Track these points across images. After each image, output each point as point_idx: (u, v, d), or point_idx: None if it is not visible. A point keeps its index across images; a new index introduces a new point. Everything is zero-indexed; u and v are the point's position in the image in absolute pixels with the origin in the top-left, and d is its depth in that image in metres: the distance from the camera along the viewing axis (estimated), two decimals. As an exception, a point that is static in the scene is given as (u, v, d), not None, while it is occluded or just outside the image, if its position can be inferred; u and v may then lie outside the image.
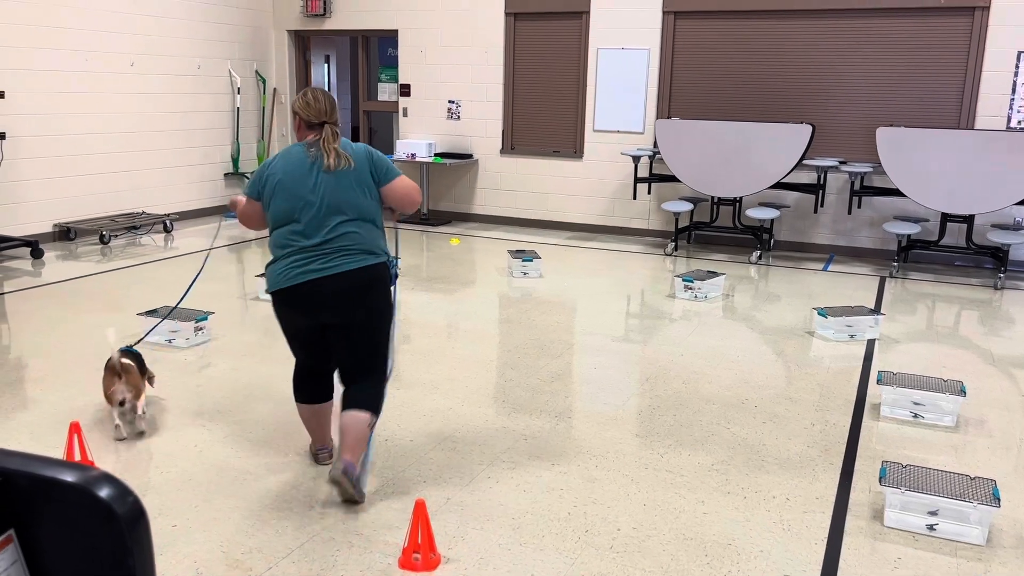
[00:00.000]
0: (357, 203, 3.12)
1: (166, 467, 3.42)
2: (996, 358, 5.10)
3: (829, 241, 8.35)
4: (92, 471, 0.79)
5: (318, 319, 3.16)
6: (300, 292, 3.09)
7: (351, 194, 3.11)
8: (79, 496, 0.76)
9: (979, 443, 3.84)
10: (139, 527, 0.75)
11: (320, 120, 3.15)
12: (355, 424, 3.11)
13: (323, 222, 3.08)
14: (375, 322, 3.20)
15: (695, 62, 8.55)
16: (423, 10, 9.61)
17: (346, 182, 3.10)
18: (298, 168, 3.11)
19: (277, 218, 3.13)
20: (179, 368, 4.58)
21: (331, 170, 3.09)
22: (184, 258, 7.44)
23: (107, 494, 0.75)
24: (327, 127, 3.14)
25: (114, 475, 0.80)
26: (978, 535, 2.97)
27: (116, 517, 0.74)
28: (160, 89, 8.97)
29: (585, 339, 5.29)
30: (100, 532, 0.75)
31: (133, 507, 0.77)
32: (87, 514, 0.76)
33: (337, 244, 3.08)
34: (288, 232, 3.11)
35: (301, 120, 3.18)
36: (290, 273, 3.09)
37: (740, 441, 3.79)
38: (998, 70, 7.49)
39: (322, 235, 3.08)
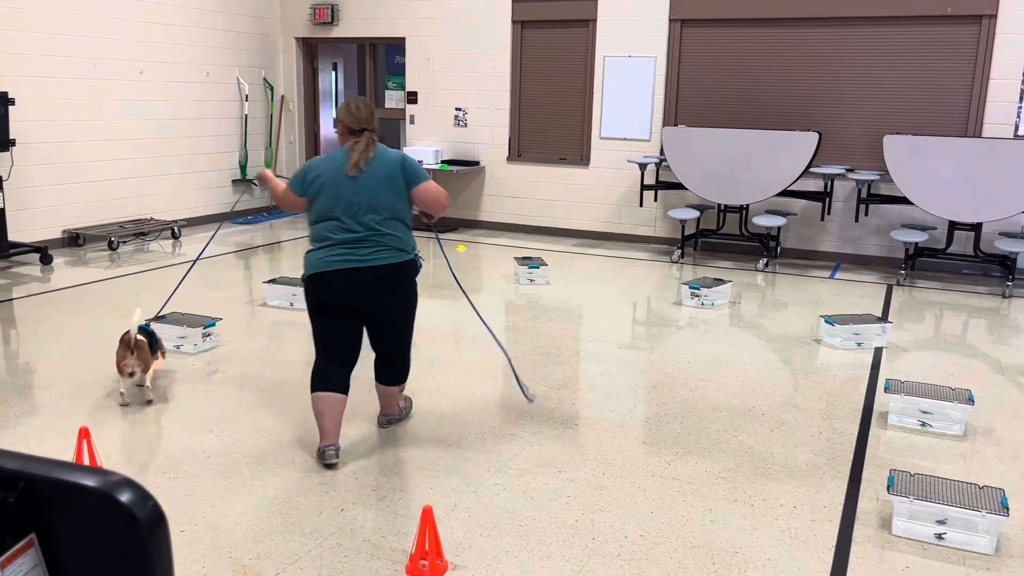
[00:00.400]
0: (390, 203, 3.48)
1: (174, 472, 3.43)
2: (1004, 366, 5.09)
3: (836, 249, 8.34)
4: (113, 475, 0.80)
5: (347, 304, 3.50)
6: (334, 278, 3.44)
7: (385, 195, 3.47)
8: (100, 500, 0.76)
9: (987, 452, 3.83)
10: (159, 531, 0.76)
11: (361, 127, 3.51)
12: (387, 393, 3.85)
13: (360, 219, 3.44)
14: (403, 313, 3.65)
15: (702, 70, 8.56)
16: (430, 18, 9.65)
17: (381, 184, 3.46)
18: (340, 171, 3.47)
19: (320, 214, 3.49)
20: (187, 374, 4.60)
21: (359, 171, 3.44)
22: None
23: (128, 499, 0.76)
24: (367, 134, 3.51)
25: (135, 480, 0.81)
26: (987, 544, 2.96)
27: (136, 521, 0.75)
28: (169, 96, 9.02)
29: (592, 346, 5.30)
30: (120, 536, 0.76)
31: (153, 512, 0.78)
32: (108, 518, 0.76)
33: (371, 240, 3.45)
34: (329, 226, 3.47)
35: (344, 127, 3.53)
36: (326, 260, 3.45)
37: (747, 449, 3.79)
38: (1006, 78, 7.48)
39: (358, 231, 3.44)
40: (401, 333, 3.70)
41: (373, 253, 3.45)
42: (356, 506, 3.17)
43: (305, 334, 5.41)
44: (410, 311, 3.68)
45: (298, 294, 6.02)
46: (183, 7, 9.06)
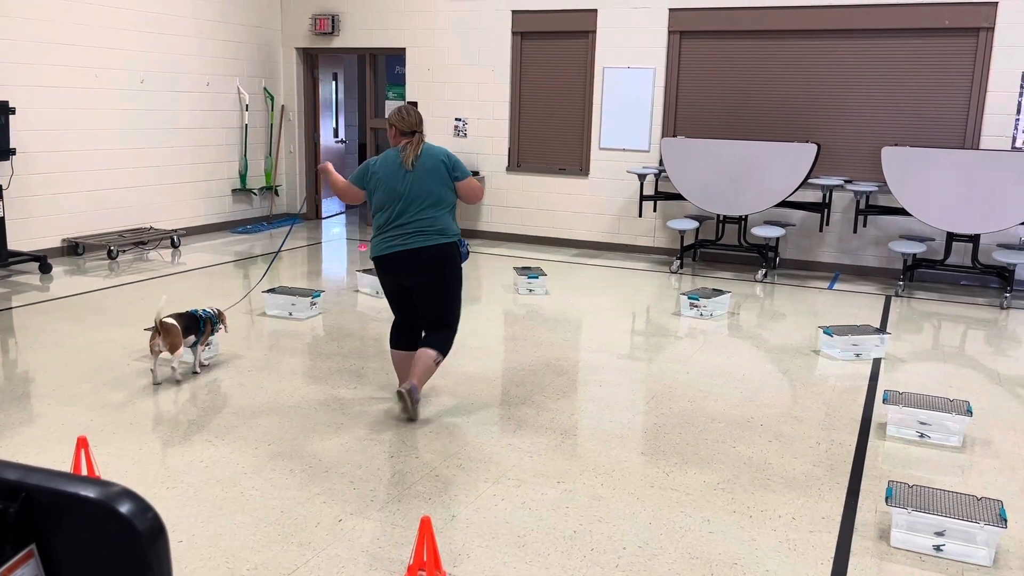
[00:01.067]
0: (435, 192, 4.04)
1: (172, 482, 3.42)
2: (1003, 378, 5.09)
3: (834, 260, 8.36)
4: (113, 486, 0.81)
5: (399, 281, 4.13)
6: (388, 259, 4.08)
7: (431, 186, 4.04)
8: (100, 511, 0.77)
9: (985, 463, 3.83)
10: (159, 543, 0.76)
11: (411, 130, 4.09)
12: (424, 358, 4.07)
13: (408, 208, 4.02)
14: (444, 287, 4.11)
15: (700, 81, 8.60)
16: (430, 29, 9.69)
17: (427, 176, 4.04)
18: (393, 168, 4.06)
19: (379, 205, 4.10)
20: (186, 383, 4.60)
21: (411, 168, 4.03)
22: (191, 273, 7.48)
23: (128, 510, 0.76)
24: (416, 135, 4.09)
25: (134, 491, 0.81)
26: (985, 556, 2.96)
27: (136, 532, 0.75)
28: (169, 106, 9.05)
29: (590, 356, 5.30)
30: (120, 547, 0.76)
31: (153, 523, 0.78)
32: (107, 529, 0.77)
33: (416, 226, 4.02)
34: (385, 215, 4.08)
35: (397, 130, 4.09)
36: (382, 245, 4.09)
37: (746, 460, 3.79)
38: (1003, 90, 7.51)
39: (406, 218, 4.03)
40: (440, 307, 4.14)
41: (417, 237, 4.01)
42: (354, 516, 3.17)
43: (304, 343, 5.42)
44: (447, 286, 4.12)
45: (297, 304, 6.03)
46: (184, 17, 9.09)
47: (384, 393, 4.51)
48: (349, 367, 4.95)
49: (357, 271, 7.11)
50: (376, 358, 5.14)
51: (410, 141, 4.06)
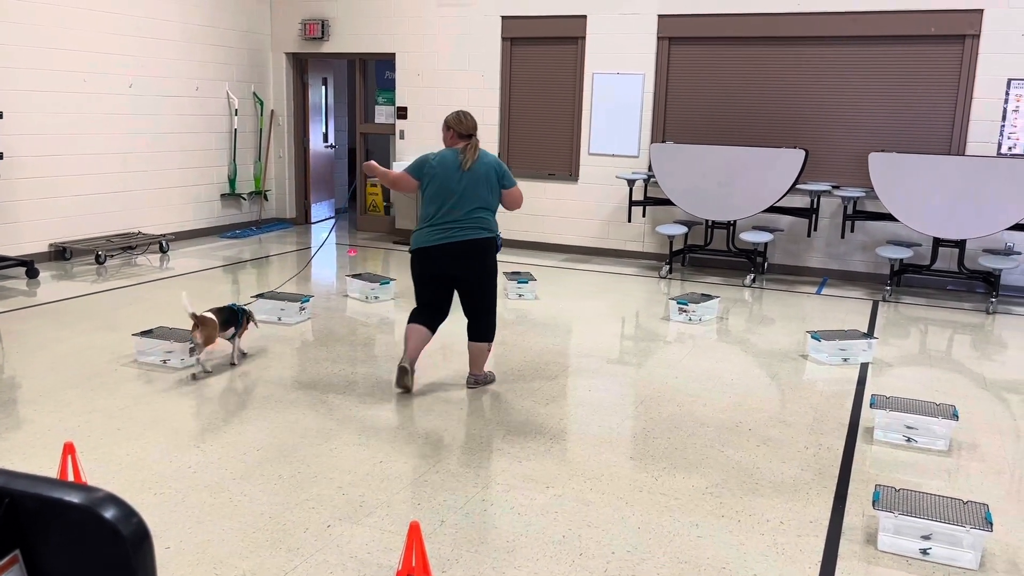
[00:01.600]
0: (484, 195, 4.42)
1: (159, 488, 3.41)
2: (988, 382, 5.12)
3: (822, 265, 8.40)
4: (97, 492, 0.80)
5: (445, 270, 4.45)
6: (434, 250, 4.41)
7: (481, 189, 4.41)
8: (84, 517, 0.77)
9: (972, 467, 3.85)
10: (143, 548, 0.76)
11: (468, 133, 4.46)
12: (478, 351, 4.66)
13: (459, 206, 4.38)
14: (486, 276, 4.51)
15: (689, 87, 8.64)
16: (420, 34, 9.70)
17: (480, 180, 4.40)
18: (450, 167, 4.40)
19: (430, 199, 4.43)
20: (173, 388, 4.58)
21: (467, 170, 4.38)
22: (180, 278, 7.45)
23: (112, 515, 0.76)
24: (473, 139, 4.46)
25: (119, 496, 0.81)
26: (971, 559, 2.98)
27: (121, 538, 0.75)
28: (158, 110, 9.02)
29: (580, 361, 5.31)
30: (105, 553, 0.76)
31: (138, 528, 0.78)
32: (92, 535, 0.77)
33: (466, 222, 4.39)
34: (436, 210, 4.41)
35: (454, 132, 4.46)
36: (431, 237, 4.41)
37: (734, 464, 3.80)
38: (988, 97, 7.58)
39: (457, 215, 4.39)
40: (482, 296, 4.54)
41: (464, 231, 4.39)
42: (343, 522, 3.16)
43: (293, 348, 5.40)
44: (489, 275, 4.52)
45: (286, 309, 6.02)
46: (173, 22, 9.07)
47: (373, 399, 4.51)
48: (338, 372, 4.94)
49: (347, 276, 7.10)
50: (365, 363, 5.14)
51: (468, 144, 4.44)
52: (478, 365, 4.72)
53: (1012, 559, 3.04)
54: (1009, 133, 7.56)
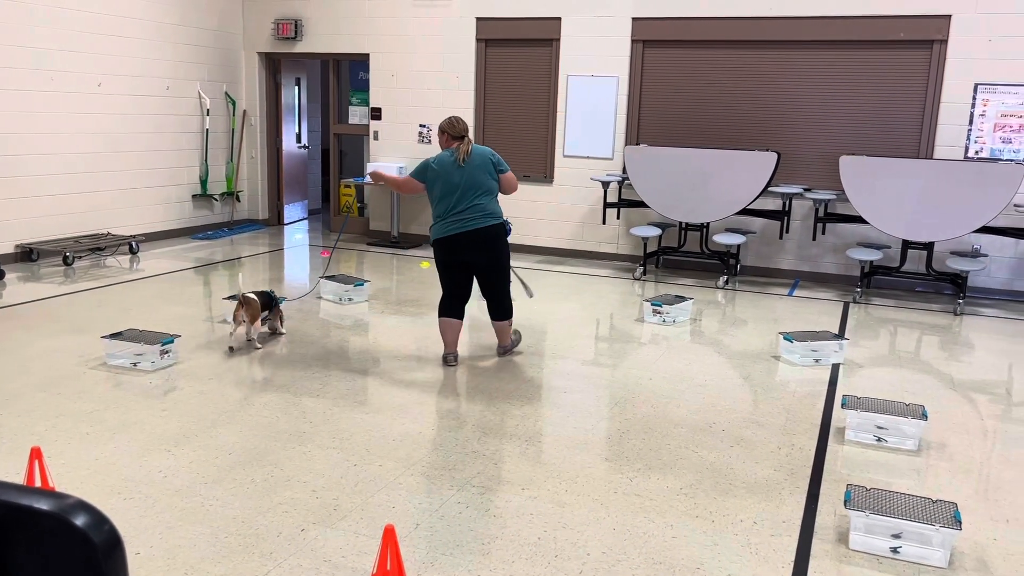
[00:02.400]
0: (485, 183, 4.96)
1: (129, 493, 3.36)
2: (956, 382, 5.20)
3: (794, 267, 8.48)
4: (68, 499, 0.79)
5: (461, 257, 4.99)
6: (452, 239, 4.95)
7: (481, 178, 4.94)
8: (54, 524, 0.75)
9: (941, 466, 3.91)
10: (115, 556, 0.75)
11: (461, 135, 4.99)
12: (502, 328, 5.30)
13: (464, 197, 4.90)
14: (498, 261, 5.07)
15: (663, 90, 8.69)
16: (394, 35, 9.67)
17: (478, 170, 4.93)
18: (450, 165, 4.94)
19: (440, 198, 4.96)
20: (143, 392, 4.52)
21: (463, 164, 4.90)
22: (150, 280, 7.36)
23: (83, 522, 0.74)
24: (465, 139, 5.00)
25: (89, 502, 0.79)
26: (940, 558, 3.02)
27: (92, 546, 0.73)
28: (127, 110, 8.90)
29: (555, 363, 5.31)
30: (76, 561, 0.74)
31: (110, 535, 0.77)
32: (62, 543, 0.75)
33: (472, 212, 4.91)
34: (445, 204, 4.94)
35: (448, 135, 4.99)
36: (446, 228, 4.94)
37: (708, 465, 3.82)
38: (956, 102, 7.70)
39: (464, 204, 4.91)
40: (498, 277, 5.11)
41: (475, 219, 4.91)
42: (317, 526, 3.14)
43: (266, 350, 5.36)
44: (503, 260, 5.09)
45: (259, 311, 5.97)
46: (143, 20, 8.96)
47: (347, 402, 4.48)
48: (312, 375, 4.91)
49: (320, 278, 7.05)
50: (339, 365, 5.11)
51: (461, 143, 4.97)
52: (504, 338, 5.34)
53: (981, 557, 3.09)
54: (976, 137, 7.69)
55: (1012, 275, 7.78)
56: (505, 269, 5.13)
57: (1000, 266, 7.80)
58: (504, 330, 5.31)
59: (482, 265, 5.05)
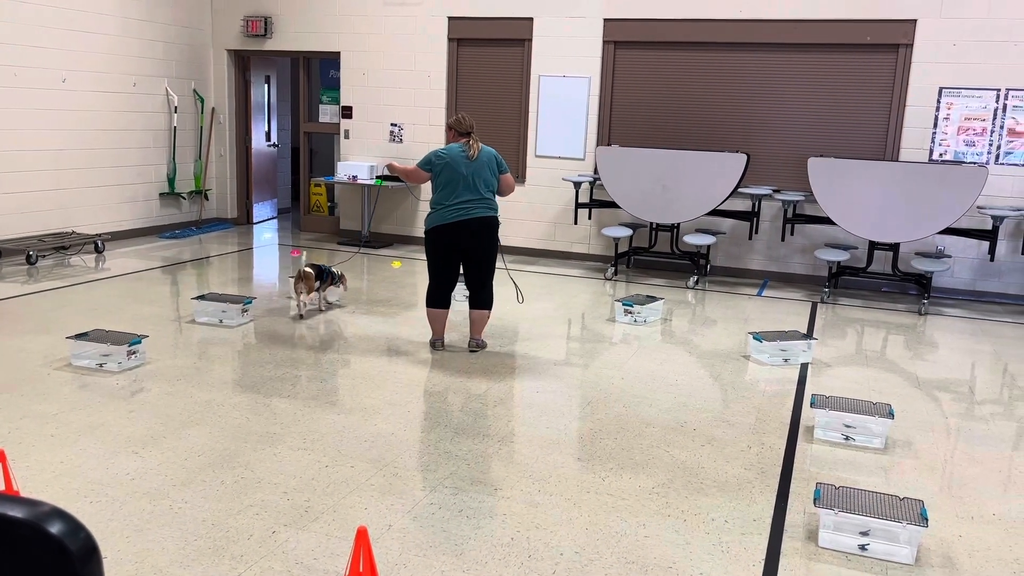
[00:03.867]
0: (488, 179, 5.28)
1: (95, 496, 3.31)
2: (921, 381, 5.29)
3: (763, 267, 8.57)
4: (42, 506, 0.77)
5: (459, 244, 5.26)
6: (453, 227, 5.22)
7: (486, 174, 5.27)
8: (29, 532, 0.73)
9: (907, 464, 3.97)
10: (92, 563, 0.73)
11: (467, 131, 5.35)
12: (480, 317, 5.51)
13: (469, 188, 5.22)
14: (490, 250, 5.34)
15: (634, 91, 8.73)
16: (366, 33, 9.61)
17: (484, 167, 5.26)
18: (458, 157, 5.25)
19: (444, 185, 5.25)
20: (110, 393, 4.45)
21: (472, 159, 5.23)
22: (116, 279, 7.25)
23: (58, 530, 0.73)
24: (471, 135, 5.34)
25: (65, 509, 0.78)
26: (907, 554, 3.07)
27: (68, 553, 0.72)
28: (93, 106, 8.76)
29: (527, 363, 5.32)
30: (51, 569, 0.73)
31: (85, 543, 0.75)
32: (38, 551, 0.73)
33: (478, 202, 5.23)
34: (448, 193, 5.23)
35: (455, 132, 5.38)
36: (447, 216, 5.22)
37: (679, 464, 3.85)
38: (920, 104, 7.83)
39: (469, 196, 5.22)
40: (488, 267, 5.37)
41: (478, 209, 5.22)
42: (288, 528, 3.11)
43: (235, 351, 5.30)
44: (492, 249, 5.34)
45: (228, 311, 5.90)
46: (109, 15, 8.82)
47: (318, 403, 4.45)
48: (282, 375, 4.87)
49: (290, 277, 6.99)
50: (309, 366, 5.07)
51: (471, 139, 5.31)
52: (478, 330, 5.53)
53: (946, 553, 3.15)
54: (940, 140, 7.83)
55: (975, 276, 7.93)
56: (494, 260, 5.40)
57: (963, 267, 7.95)
58: (481, 320, 5.51)
59: (476, 253, 5.30)
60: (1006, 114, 7.61)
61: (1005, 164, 7.67)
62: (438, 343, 5.54)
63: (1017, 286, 7.82)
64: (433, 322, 5.51)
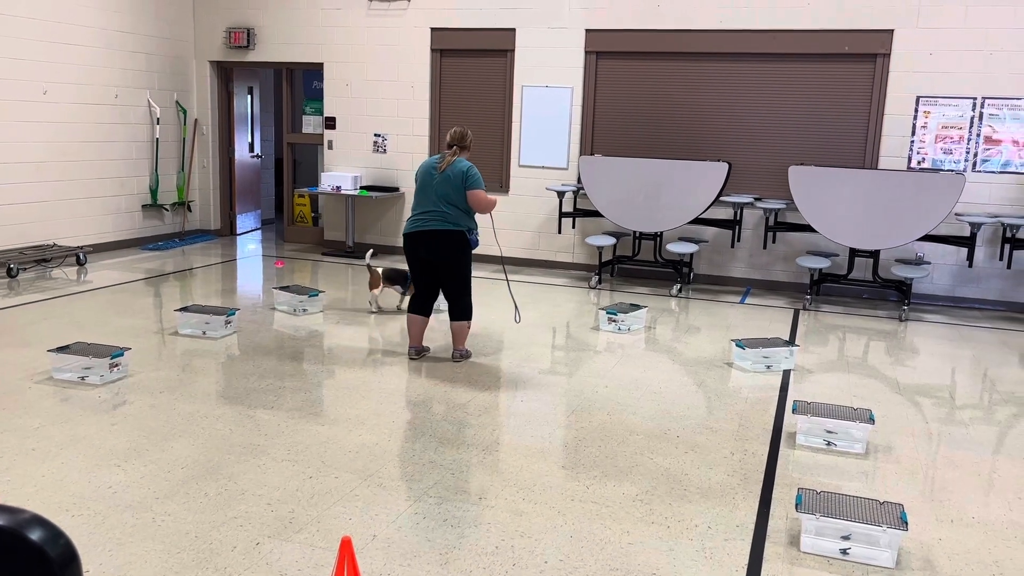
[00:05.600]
0: (449, 195, 5.24)
1: (77, 509, 3.29)
2: (902, 387, 5.34)
3: (745, 275, 8.63)
4: (23, 513, 0.78)
5: (418, 254, 5.36)
6: (410, 236, 5.36)
7: (449, 189, 5.24)
8: (10, 540, 0.74)
9: (887, 469, 4.01)
10: (71, 570, 0.74)
11: (451, 143, 5.36)
12: (459, 329, 5.50)
13: (429, 201, 5.28)
14: (453, 265, 5.32)
15: (617, 101, 8.79)
16: (349, 44, 9.63)
17: (448, 182, 5.24)
18: (430, 169, 5.35)
19: (415, 194, 5.41)
20: (92, 406, 4.42)
21: (440, 171, 5.28)
22: (99, 292, 7.20)
23: (39, 537, 0.73)
24: (454, 149, 5.34)
25: (45, 517, 0.78)
26: (888, 558, 3.10)
27: (49, 560, 0.72)
28: (75, 118, 8.73)
29: (512, 371, 5.33)
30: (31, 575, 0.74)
31: (65, 550, 0.76)
32: (18, 558, 0.74)
33: (432, 215, 5.26)
34: (416, 203, 5.38)
35: (446, 143, 5.39)
36: (410, 226, 5.34)
37: (663, 471, 3.87)
38: (898, 113, 7.93)
39: (428, 207, 5.28)
40: (456, 281, 5.37)
41: (429, 223, 5.25)
42: (272, 539, 3.10)
43: (218, 363, 5.28)
44: (456, 264, 5.32)
45: (211, 322, 5.89)
46: (90, 27, 8.80)
47: (302, 413, 4.44)
48: (265, 387, 4.85)
49: (273, 288, 6.97)
50: (293, 377, 5.06)
51: (450, 152, 5.32)
52: (459, 341, 5.52)
53: (927, 557, 3.18)
54: (918, 148, 7.92)
55: (954, 282, 8.02)
56: (461, 274, 5.37)
57: (942, 273, 8.03)
58: (459, 332, 5.49)
59: (436, 265, 5.35)
60: (982, 122, 7.72)
61: (982, 172, 7.78)
62: (411, 351, 5.54)
63: (995, 292, 7.92)
64: (409, 327, 5.55)
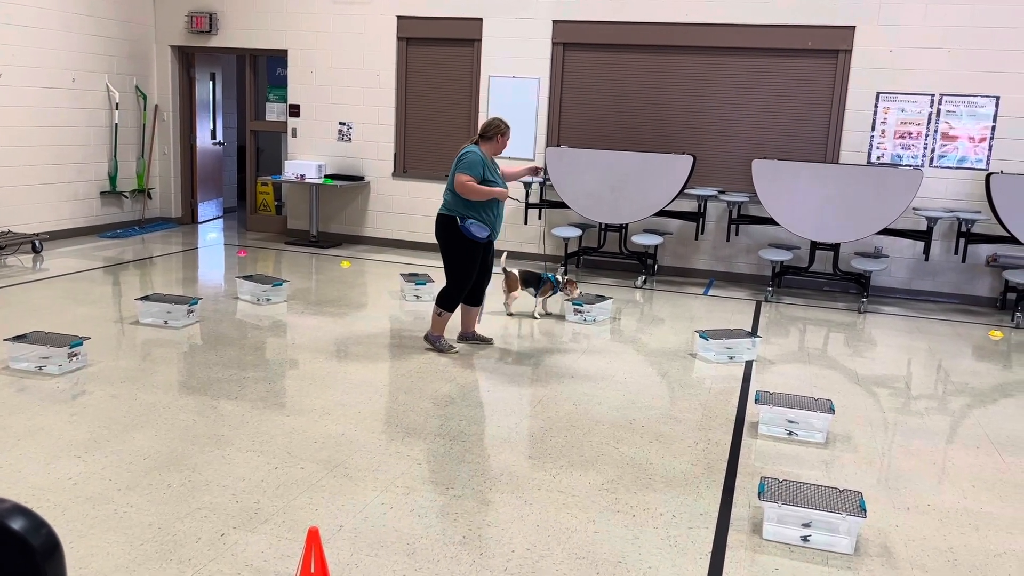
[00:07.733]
0: (450, 181, 5.35)
1: (36, 502, 3.23)
2: (860, 377, 5.45)
3: (709, 267, 8.73)
4: (4, 503, 0.77)
5: None
6: None
7: (451, 175, 5.35)
8: (-11, 530, 0.73)
9: (846, 457, 4.10)
10: (54, 559, 0.73)
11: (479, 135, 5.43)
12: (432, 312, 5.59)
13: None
14: (443, 246, 5.42)
15: (583, 92, 8.81)
16: (314, 31, 9.52)
17: (453, 168, 5.36)
18: None
19: None
20: (50, 396, 4.34)
21: None
22: (55, 280, 7.06)
23: (21, 526, 0.72)
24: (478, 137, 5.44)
25: (26, 506, 0.77)
26: (847, 544, 3.17)
27: (31, 549, 0.72)
28: (30, 102, 8.52)
29: (478, 362, 5.34)
30: (14, 565, 0.73)
31: (48, 539, 0.75)
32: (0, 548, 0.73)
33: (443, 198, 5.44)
34: None
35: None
36: None
37: (628, 460, 3.91)
38: (859, 109, 8.06)
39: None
40: (445, 262, 5.45)
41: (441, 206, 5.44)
42: (237, 530, 3.08)
43: (180, 353, 5.22)
44: (444, 250, 5.41)
45: (173, 311, 5.80)
46: (46, 9, 8.59)
47: (266, 404, 4.40)
48: (229, 377, 4.80)
49: (237, 277, 6.89)
50: (257, 368, 5.01)
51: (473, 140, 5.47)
52: (432, 325, 5.60)
53: (884, 543, 3.26)
54: (878, 143, 8.07)
55: (911, 275, 8.19)
56: (445, 258, 5.44)
57: (900, 266, 8.21)
58: (432, 315, 5.64)
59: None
60: (940, 119, 7.88)
61: (939, 167, 7.94)
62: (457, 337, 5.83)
63: (951, 285, 8.10)
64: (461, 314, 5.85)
